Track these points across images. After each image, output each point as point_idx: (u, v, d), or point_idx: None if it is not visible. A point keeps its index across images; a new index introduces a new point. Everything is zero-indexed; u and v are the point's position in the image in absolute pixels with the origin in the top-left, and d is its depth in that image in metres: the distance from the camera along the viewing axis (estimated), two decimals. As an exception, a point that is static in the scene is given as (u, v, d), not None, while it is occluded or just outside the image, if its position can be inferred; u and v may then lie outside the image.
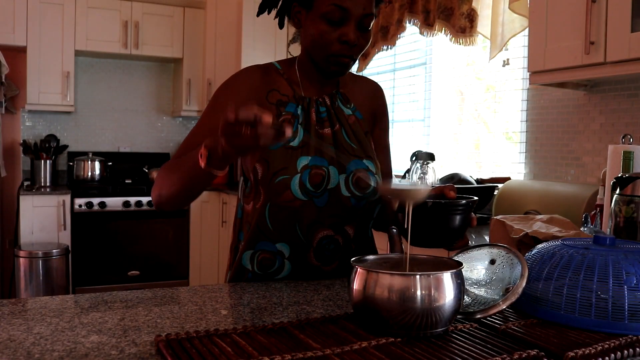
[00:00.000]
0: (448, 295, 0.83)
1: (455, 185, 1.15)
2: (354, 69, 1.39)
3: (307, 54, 1.28)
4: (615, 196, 1.26)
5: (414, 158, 2.89)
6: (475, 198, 1.06)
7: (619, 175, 1.27)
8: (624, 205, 1.23)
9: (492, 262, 1.04)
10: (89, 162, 4.39)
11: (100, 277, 4.06)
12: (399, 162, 3.45)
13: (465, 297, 0.98)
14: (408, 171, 2.92)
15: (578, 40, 1.87)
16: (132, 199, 4.12)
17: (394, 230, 1.11)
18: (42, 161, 4.19)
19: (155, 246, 4.23)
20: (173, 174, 1.18)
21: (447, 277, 0.84)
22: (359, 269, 0.87)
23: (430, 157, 2.81)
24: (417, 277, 0.82)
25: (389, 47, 3.43)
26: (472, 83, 3.14)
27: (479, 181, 2.67)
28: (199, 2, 4.55)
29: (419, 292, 0.82)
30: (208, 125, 1.24)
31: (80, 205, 3.97)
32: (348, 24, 1.19)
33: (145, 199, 4.15)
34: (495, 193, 2.53)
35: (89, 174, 4.37)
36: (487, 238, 2.05)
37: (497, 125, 2.94)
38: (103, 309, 0.99)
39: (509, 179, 2.63)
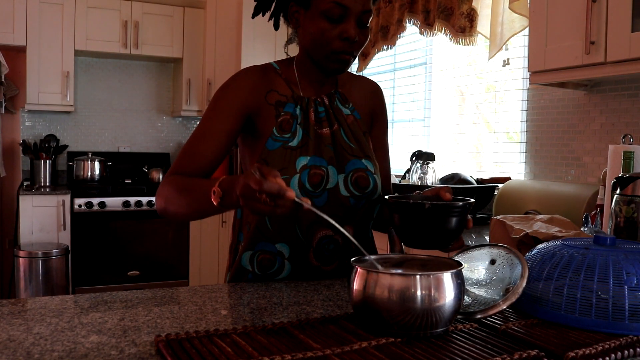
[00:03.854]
0: (448, 295, 0.83)
1: (456, 186, 1.15)
2: (353, 69, 1.39)
3: (306, 53, 1.28)
4: (615, 196, 1.26)
5: (414, 158, 2.89)
6: (472, 200, 1.06)
7: (620, 175, 1.27)
8: (624, 205, 1.23)
9: (493, 262, 1.04)
10: (89, 162, 4.39)
11: (100, 277, 4.06)
12: (399, 162, 3.45)
13: (465, 297, 0.98)
14: (408, 171, 2.92)
15: (578, 40, 1.87)
16: (132, 199, 4.12)
17: (394, 230, 1.11)
18: (42, 161, 4.19)
19: (155, 246, 4.22)
20: (182, 197, 1.16)
21: (447, 277, 0.84)
22: (359, 269, 0.87)
23: (431, 157, 2.81)
24: (417, 277, 0.82)
25: (389, 47, 3.43)
26: (473, 83, 3.13)
27: (479, 181, 2.67)
28: (199, 2, 4.55)
29: (419, 292, 0.82)
30: (209, 128, 1.24)
31: (80, 205, 3.97)
32: (348, 21, 1.19)
33: (145, 199, 4.15)
34: (495, 193, 2.53)
35: (89, 174, 4.37)
36: (487, 238, 2.05)
37: (498, 125, 2.94)
38: (103, 309, 0.99)
39: (509, 179, 2.63)
